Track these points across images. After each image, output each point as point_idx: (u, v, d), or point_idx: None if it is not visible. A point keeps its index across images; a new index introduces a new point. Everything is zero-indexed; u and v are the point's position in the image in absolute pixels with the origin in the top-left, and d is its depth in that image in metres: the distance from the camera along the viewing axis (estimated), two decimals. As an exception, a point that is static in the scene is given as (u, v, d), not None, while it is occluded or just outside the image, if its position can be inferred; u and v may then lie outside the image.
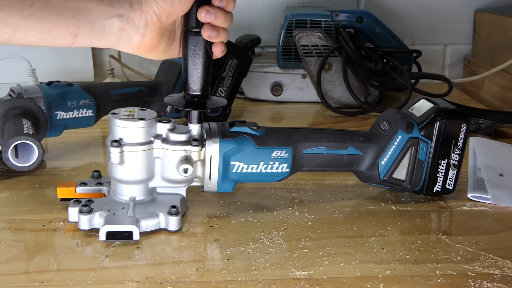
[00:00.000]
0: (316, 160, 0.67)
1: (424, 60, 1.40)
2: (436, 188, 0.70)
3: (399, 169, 0.68)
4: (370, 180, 0.69)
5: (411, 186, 0.69)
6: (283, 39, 1.16)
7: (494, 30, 1.30)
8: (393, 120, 0.69)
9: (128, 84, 0.96)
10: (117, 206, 0.62)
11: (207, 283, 0.51)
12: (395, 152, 0.67)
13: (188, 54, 0.61)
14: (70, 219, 0.62)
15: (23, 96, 0.81)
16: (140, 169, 0.61)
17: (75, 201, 0.62)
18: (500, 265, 0.55)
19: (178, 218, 0.61)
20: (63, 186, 0.67)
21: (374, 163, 0.68)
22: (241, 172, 0.64)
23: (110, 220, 0.58)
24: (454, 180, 0.70)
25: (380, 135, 0.69)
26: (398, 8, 1.41)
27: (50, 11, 0.53)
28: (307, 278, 0.52)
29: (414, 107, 0.71)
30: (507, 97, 1.19)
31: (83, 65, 1.36)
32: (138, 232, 0.58)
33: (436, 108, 0.68)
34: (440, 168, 0.69)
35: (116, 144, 0.60)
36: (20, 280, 0.52)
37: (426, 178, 0.69)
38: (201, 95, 0.62)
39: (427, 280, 0.52)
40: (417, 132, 0.67)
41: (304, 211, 0.67)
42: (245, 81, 1.09)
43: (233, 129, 0.64)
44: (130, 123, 0.60)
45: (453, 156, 0.69)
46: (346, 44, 1.11)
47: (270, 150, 0.64)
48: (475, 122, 0.97)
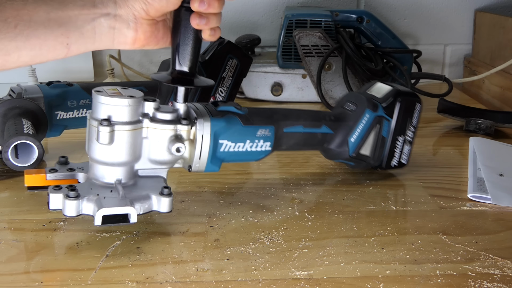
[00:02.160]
0: (294, 139, 0.70)
1: (424, 60, 1.40)
2: (393, 162, 0.76)
3: (366, 146, 0.74)
4: (339, 156, 0.74)
5: (374, 161, 0.75)
6: (283, 39, 1.16)
7: (494, 30, 1.30)
8: (359, 101, 0.74)
9: (128, 84, 0.96)
10: (104, 190, 0.58)
11: (207, 283, 0.51)
12: (363, 130, 0.73)
13: (177, 30, 0.60)
14: (51, 206, 0.56)
15: (23, 96, 0.81)
16: (129, 149, 0.59)
17: (55, 187, 0.57)
18: (500, 265, 0.55)
19: (171, 199, 0.59)
20: (31, 173, 0.61)
21: (344, 140, 0.72)
22: (228, 151, 0.64)
23: (102, 204, 0.55)
24: (408, 155, 0.77)
25: (348, 114, 0.74)
26: (398, 8, 1.41)
27: (34, 27, 0.53)
28: (307, 278, 0.52)
29: (373, 90, 0.77)
30: (507, 97, 1.19)
31: (83, 65, 1.36)
32: (135, 214, 0.56)
33: (396, 89, 0.75)
34: (398, 144, 0.76)
35: (106, 123, 0.56)
36: (20, 280, 0.52)
37: (386, 154, 0.75)
38: (189, 73, 0.61)
39: (427, 280, 0.52)
40: (382, 111, 0.73)
41: (304, 211, 0.67)
42: (245, 81, 1.09)
43: (220, 108, 0.64)
44: (121, 100, 0.57)
45: (408, 133, 0.76)
46: (346, 44, 1.11)
47: (255, 128, 0.66)
48: (475, 122, 0.97)
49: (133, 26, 0.58)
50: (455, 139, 0.96)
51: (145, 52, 1.42)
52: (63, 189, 0.56)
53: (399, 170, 0.80)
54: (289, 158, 0.86)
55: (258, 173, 0.80)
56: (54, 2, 0.54)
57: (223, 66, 0.98)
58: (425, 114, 1.12)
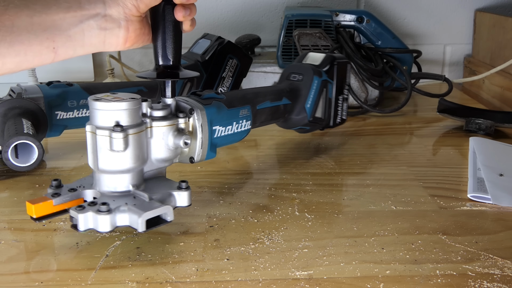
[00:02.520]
0: (265, 114, 0.75)
1: (424, 60, 1.41)
2: (338, 119, 0.87)
3: (318, 109, 0.83)
4: (299, 123, 0.82)
5: (325, 121, 0.85)
6: (283, 39, 1.16)
7: (494, 30, 1.30)
8: (304, 70, 0.82)
9: (128, 84, 0.96)
10: (126, 198, 0.56)
11: (207, 283, 0.51)
12: (314, 95, 0.81)
13: (157, 25, 0.60)
14: (82, 228, 0.53)
15: (23, 96, 0.81)
16: (140, 152, 0.58)
17: (78, 207, 0.54)
18: (500, 265, 0.55)
19: (189, 192, 0.59)
20: (35, 202, 0.55)
21: (301, 108, 0.81)
22: (220, 136, 0.67)
23: (139, 210, 0.53)
24: (346, 111, 0.88)
25: (298, 84, 0.81)
26: (398, 8, 1.41)
27: (17, 32, 0.51)
28: (307, 278, 0.52)
29: (308, 59, 0.85)
30: (507, 97, 1.19)
31: (83, 65, 1.36)
32: (172, 212, 0.56)
33: (331, 55, 0.85)
34: (339, 102, 0.86)
35: (119, 129, 0.54)
36: (20, 280, 0.52)
37: (333, 113, 0.85)
38: (173, 66, 0.61)
39: (427, 280, 0.52)
40: (325, 75, 0.83)
41: (304, 211, 0.67)
42: (245, 81, 1.09)
43: (206, 96, 0.66)
44: (129, 103, 0.56)
45: (345, 92, 0.87)
46: (346, 44, 1.11)
47: (237, 110, 0.69)
48: (475, 122, 0.97)
49: (124, 24, 0.57)
50: (455, 139, 0.96)
51: (145, 52, 1.42)
52: (87, 208, 0.54)
53: (399, 170, 0.80)
54: (289, 158, 0.86)
55: (258, 173, 0.80)
56: (37, 6, 0.52)
57: (223, 66, 0.98)
58: (425, 114, 1.13)
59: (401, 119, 1.09)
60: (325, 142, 0.95)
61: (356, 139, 0.96)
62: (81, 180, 0.61)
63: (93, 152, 0.57)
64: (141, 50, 1.42)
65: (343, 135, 0.99)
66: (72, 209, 0.54)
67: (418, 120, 1.09)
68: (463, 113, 1.02)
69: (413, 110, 1.16)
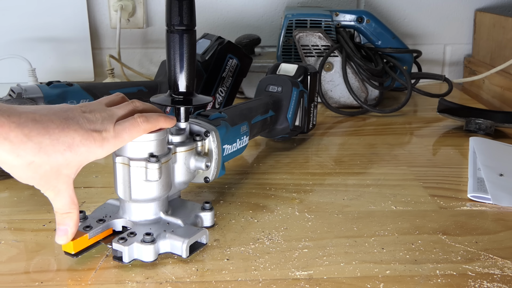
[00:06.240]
0: (257, 128, 0.78)
1: (424, 60, 1.41)
2: (310, 125, 0.93)
3: (297, 118, 0.87)
4: (282, 132, 0.86)
5: (302, 128, 0.89)
6: (283, 39, 1.16)
7: (494, 30, 1.30)
8: (282, 82, 0.86)
9: (128, 84, 0.96)
10: (161, 225, 0.57)
11: (207, 283, 0.51)
12: (294, 105, 0.86)
13: (171, 53, 0.60)
14: (127, 260, 0.53)
15: (23, 96, 0.81)
16: (168, 179, 0.59)
17: (120, 239, 0.54)
18: (500, 265, 0.55)
19: (213, 212, 0.62)
20: (75, 239, 0.55)
21: (284, 118, 0.85)
22: (228, 153, 0.69)
23: (178, 238, 0.55)
24: (316, 116, 0.95)
25: (279, 95, 0.85)
26: (398, 8, 1.41)
27: None
28: (307, 278, 0.52)
29: (281, 70, 0.89)
30: (507, 97, 1.19)
31: (83, 65, 1.36)
32: (208, 236, 0.58)
33: (303, 66, 0.89)
34: (311, 109, 0.92)
35: (154, 160, 0.55)
36: (20, 280, 0.52)
37: (307, 120, 0.91)
38: (187, 92, 0.62)
39: (427, 280, 0.52)
40: (301, 86, 0.87)
41: (304, 211, 0.67)
42: (245, 81, 1.09)
43: (213, 117, 0.67)
44: (159, 134, 0.56)
45: (315, 99, 0.93)
46: (346, 44, 1.11)
47: (239, 127, 0.71)
48: (475, 122, 0.97)
49: None
50: (455, 139, 0.96)
51: (145, 52, 1.42)
52: (129, 239, 0.54)
53: (399, 170, 0.80)
54: (289, 158, 0.86)
55: (258, 173, 0.80)
56: None
57: (223, 66, 0.98)
58: (425, 114, 1.13)
59: (401, 119, 1.09)
60: (325, 142, 0.95)
61: (356, 139, 0.96)
62: (102, 209, 0.61)
63: (124, 183, 0.56)
64: (141, 50, 1.42)
65: (343, 135, 0.99)
66: (115, 242, 0.54)
67: (418, 120, 1.09)
68: (463, 113, 1.02)
69: (413, 110, 1.16)
